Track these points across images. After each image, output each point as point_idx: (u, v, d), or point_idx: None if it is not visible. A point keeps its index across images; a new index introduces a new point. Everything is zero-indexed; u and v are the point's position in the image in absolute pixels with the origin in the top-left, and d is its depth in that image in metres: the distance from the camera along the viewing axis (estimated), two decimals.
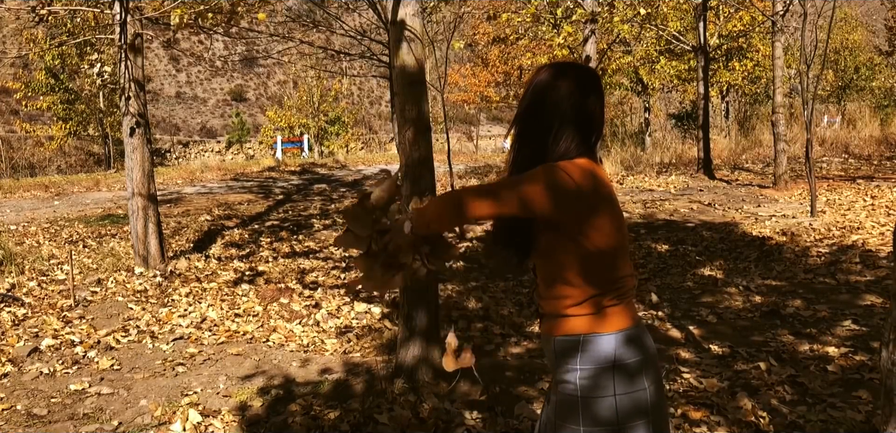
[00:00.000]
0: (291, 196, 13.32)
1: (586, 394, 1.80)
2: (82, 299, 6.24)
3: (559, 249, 1.82)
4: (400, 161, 4.28)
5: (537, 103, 1.88)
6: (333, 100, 31.32)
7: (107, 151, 24.44)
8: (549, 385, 2.01)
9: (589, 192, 1.79)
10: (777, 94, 12.18)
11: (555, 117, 1.85)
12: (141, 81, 7.31)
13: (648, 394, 1.81)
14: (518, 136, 1.92)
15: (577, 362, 1.81)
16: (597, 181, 1.81)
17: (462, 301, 6.01)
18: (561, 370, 1.85)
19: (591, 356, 1.80)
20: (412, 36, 4.08)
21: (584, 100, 1.87)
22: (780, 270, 6.71)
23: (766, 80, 23.30)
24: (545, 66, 1.97)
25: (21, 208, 11.61)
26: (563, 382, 1.84)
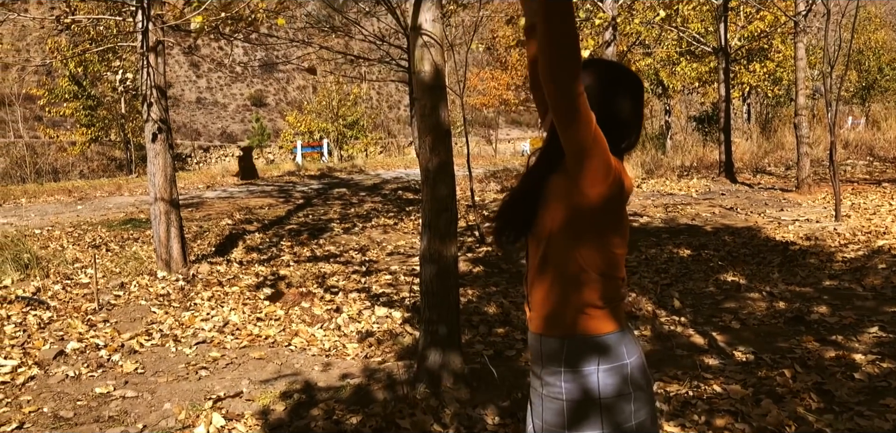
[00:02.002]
0: (311, 200, 13.38)
1: (607, 394, 1.78)
2: (106, 303, 6.30)
3: (584, 239, 1.78)
4: (419, 166, 4.28)
5: None
6: (353, 104, 31.46)
7: (128, 156, 24.75)
8: (536, 386, 1.91)
9: (628, 188, 1.80)
10: (800, 96, 12.05)
11: None
12: (163, 88, 7.39)
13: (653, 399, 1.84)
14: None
15: (596, 363, 1.79)
16: (626, 182, 1.81)
17: (482, 306, 6.00)
18: (572, 370, 1.80)
19: (612, 355, 1.79)
20: (432, 41, 4.08)
21: (609, 98, 1.84)
22: (805, 276, 6.63)
23: (787, 81, 23.07)
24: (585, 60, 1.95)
25: (45, 212, 11.76)
26: (576, 385, 1.80)
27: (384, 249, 8.80)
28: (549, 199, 1.82)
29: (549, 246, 1.82)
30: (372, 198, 13.75)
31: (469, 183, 9.93)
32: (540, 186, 1.86)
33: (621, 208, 1.80)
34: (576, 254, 1.78)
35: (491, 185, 15.17)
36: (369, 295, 6.51)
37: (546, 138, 1.93)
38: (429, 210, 4.19)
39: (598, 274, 1.78)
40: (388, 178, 17.96)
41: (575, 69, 1.59)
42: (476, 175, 15.30)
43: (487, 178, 17.08)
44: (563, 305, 1.81)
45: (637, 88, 1.89)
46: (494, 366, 4.42)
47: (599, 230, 1.78)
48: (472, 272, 7.40)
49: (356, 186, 15.94)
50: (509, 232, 1.94)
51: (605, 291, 1.79)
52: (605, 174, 1.71)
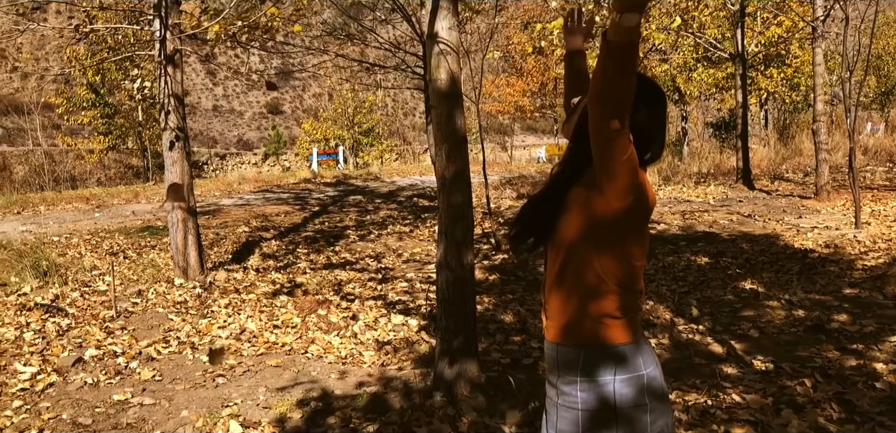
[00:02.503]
0: (327, 207, 13.42)
1: (624, 404, 1.77)
2: (123, 310, 6.34)
3: (604, 250, 1.78)
4: (435, 174, 4.28)
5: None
6: (368, 111, 31.57)
7: (145, 164, 24.95)
8: (551, 395, 1.91)
9: (651, 202, 1.82)
10: (818, 102, 11.94)
11: None
12: (180, 96, 7.44)
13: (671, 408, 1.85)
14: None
15: (612, 373, 1.78)
16: (650, 196, 1.81)
17: (498, 314, 5.98)
18: (589, 380, 1.79)
19: (629, 366, 1.78)
20: (448, 49, 4.08)
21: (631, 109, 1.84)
22: (824, 284, 6.56)
23: (805, 87, 22.87)
24: None
25: (63, 220, 11.87)
26: (592, 395, 1.79)
27: (400, 256, 8.80)
28: (571, 207, 1.82)
29: (568, 255, 1.82)
30: (387, 205, 13.77)
31: (485, 190, 9.92)
32: (561, 194, 1.86)
33: (643, 222, 1.80)
34: (595, 264, 1.78)
35: (507, 192, 15.15)
36: (385, 302, 6.51)
37: (570, 147, 1.94)
38: (445, 218, 4.19)
39: (617, 284, 1.78)
40: (404, 184, 17.99)
41: (623, 111, 1.63)
42: (492, 182, 15.29)
43: (503, 184, 17.06)
44: (581, 315, 1.81)
45: (658, 98, 1.88)
46: (511, 375, 4.41)
47: (620, 241, 1.77)
48: (488, 280, 7.38)
49: (372, 193, 15.97)
50: (528, 238, 1.94)
51: (622, 302, 1.79)
52: (631, 190, 1.72)
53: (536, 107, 30.56)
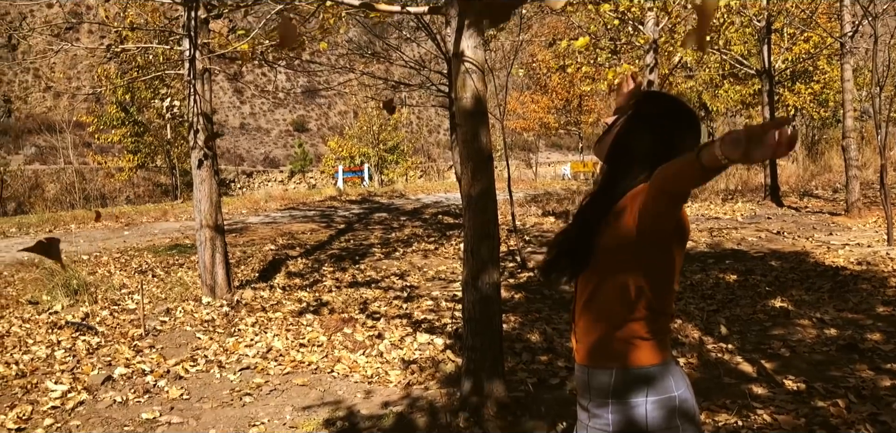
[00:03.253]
0: (353, 225, 13.48)
1: (656, 427, 1.76)
2: (152, 328, 6.41)
3: (637, 275, 1.77)
4: (461, 192, 4.28)
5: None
6: (393, 129, 31.74)
7: (173, 182, 25.29)
8: (582, 418, 1.91)
9: (687, 232, 1.84)
10: (847, 118, 11.76)
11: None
12: (209, 115, 7.53)
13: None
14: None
15: (644, 395, 1.77)
16: (686, 226, 1.83)
17: (524, 333, 5.95)
18: (620, 402, 1.78)
19: (660, 388, 1.77)
20: (473, 67, 4.09)
21: (668, 133, 1.85)
22: (857, 302, 6.43)
23: (834, 103, 22.57)
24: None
25: (94, 238, 12.06)
26: (624, 417, 1.78)
27: (425, 274, 8.80)
28: (606, 235, 1.82)
29: (600, 279, 1.82)
30: (412, 222, 13.79)
31: (510, 207, 9.90)
32: (597, 224, 1.85)
33: (679, 251, 1.80)
34: (627, 288, 1.78)
35: (532, 209, 15.11)
36: (411, 321, 6.51)
37: (605, 173, 1.93)
38: (471, 236, 4.18)
39: (647, 308, 1.77)
40: (429, 202, 18.02)
41: (685, 198, 1.64)
42: (517, 199, 15.26)
43: (528, 201, 17.02)
44: (611, 337, 1.80)
45: (695, 125, 1.88)
46: (537, 394, 4.37)
47: (653, 268, 1.77)
48: (514, 298, 7.35)
49: (397, 211, 16.02)
50: (563, 269, 1.94)
51: (653, 324, 1.78)
52: (673, 230, 1.75)
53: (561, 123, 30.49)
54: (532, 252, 9.81)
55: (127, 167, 25.24)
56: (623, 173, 1.84)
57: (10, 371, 5.20)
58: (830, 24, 17.12)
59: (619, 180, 1.83)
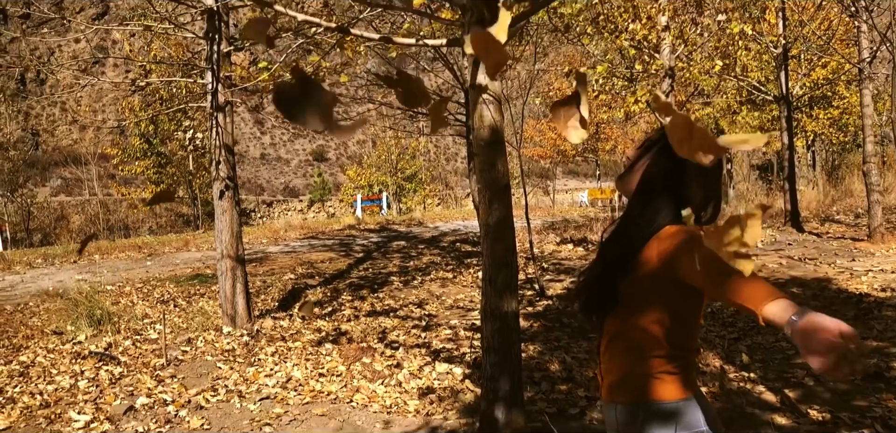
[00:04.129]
0: (371, 254, 13.54)
1: None
2: (174, 358, 6.47)
3: (665, 313, 1.78)
4: (479, 220, 4.30)
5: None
6: (411, 157, 31.92)
7: (195, 212, 25.59)
8: None
9: None
10: (868, 143, 11.67)
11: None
12: (230, 146, 7.65)
13: None
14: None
15: (671, 430, 1.77)
16: None
17: (544, 362, 5.93)
18: None
19: (686, 423, 1.77)
20: (490, 98, 4.13)
21: (679, 170, 1.85)
22: (882, 329, 6.34)
23: (854, 127, 22.41)
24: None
25: (117, 268, 12.21)
26: None
27: (443, 303, 8.81)
28: (634, 275, 1.82)
29: (625, 316, 1.83)
30: (430, 250, 13.83)
31: (528, 235, 9.90)
32: (626, 267, 1.85)
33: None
34: (653, 325, 1.79)
35: (550, 237, 15.08)
36: (430, 350, 6.51)
37: (632, 213, 1.92)
38: (489, 265, 4.20)
39: (672, 344, 1.78)
40: (447, 229, 18.05)
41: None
42: (535, 226, 15.25)
43: (546, 229, 17.00)
44: (636, 373, 1.81)
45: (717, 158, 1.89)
46: (556, 425, 4.35)
47: (679, 305, 1.78)
48: (533, 327, 7.33)
49: (415, 239, 16.07)
50: (593, 310, 1.94)
51: (678, 360, 1.79)
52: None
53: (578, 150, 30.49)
54: (550, 280, 9.79)
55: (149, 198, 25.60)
56: (652, 212, 1.84)
57: (35, 401, 5.27)
58: (848, 49, 17.03)
59: (647, 219, 1.84)
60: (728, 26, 9.60)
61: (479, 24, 3.95)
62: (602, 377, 1.93)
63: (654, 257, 1.75)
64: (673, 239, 1.72)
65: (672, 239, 1.72)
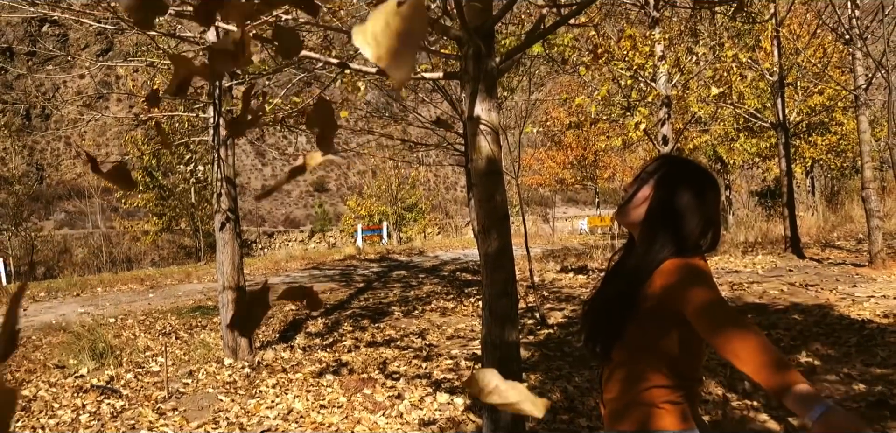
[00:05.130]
0: (372, 284, 13.55)
1: None
2: (175, 391, 6.47)
3: (668, 346, 1.80)
4: (478, 251, 4.34)
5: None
6: (411, 187, 32.02)
7: (197, 244, 25.63)
8: None
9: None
10: (866, 169, 11.71)
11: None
12: (232, 179, 7.70)
13: None
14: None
15: None
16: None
17: (545, 391, 5.93)
18: None
19: None
20: (488, 129, 4.18)
21: (675, 200, 1.89)
22: (885, 356, 6.34)
23: (852, 153, 22.51)
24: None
25: (119, 301, 12.22)
26: None
27: (444, 333, 8.81)
28: (638, 306, 1.84)
29: (628, 347, 1.85)
30: (431, 280, 13.84)
31: (528, 263, 9.92)
32: (632, 302, 1.86)
33: None
34: (656, 356, 1.80)
35: (550, 265, 15.10)
36: (431, 380, 6.51)
37: (642, 247, 1.92)
38: (489, 295, 4.22)
39: (675, 375, 1.79)
40: (447, 259, 18.07)
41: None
42: (535, 254, 15.27)
43: (546, 257, 17.01)
44: (637, 403, 1.83)
45: (716, 185, 1.92)
46: None
47: (682, 337, 1.79)
48: (534, 356, 7.33)
49: (415, 268, 16.08)
50: (597, 341, 1.95)
51: (680, 391, 1.80)
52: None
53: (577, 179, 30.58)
54: (551, 308, 9.79)
55: (152, 230, 25.66)
56: (655, 247, 1.86)
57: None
58: (844, 76, 17.15)
59: (650, 254, 1.86)
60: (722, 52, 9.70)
61: (475, 58, 4.03)
62: (604, 406, 1.94)
63: (657, 291, 1.77)
64: (674, 274, 1.74)
65: (673, 274, 1.75)
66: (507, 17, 9.42)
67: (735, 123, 20.46)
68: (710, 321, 1.62)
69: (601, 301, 1.96)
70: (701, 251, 1.87)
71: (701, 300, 1.66)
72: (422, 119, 12.86)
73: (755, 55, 14.42)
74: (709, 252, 1.92)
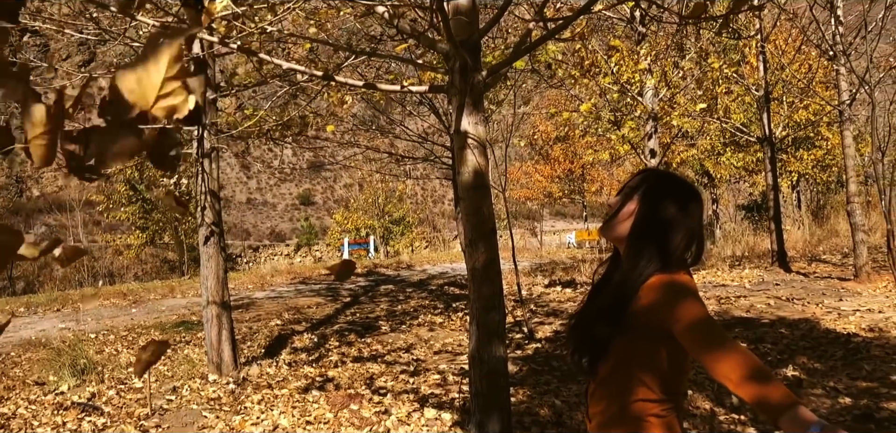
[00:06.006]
0: (358, 298, 13.46)
1: None
2: (159, 407, 6.37)
3: (655, 360, 1.78)
4: (466, 265, 4.30)
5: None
6: (398, 200, 31.96)
7: (181, 258, 25.41)
8: None
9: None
10: (851, 183, 11.80)
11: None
12: (216, 192, 7.62)
13: None
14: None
15: None
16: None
17: (534, 406, 5.88)
18: None
19: None
20: (474, 143, 4.15)
21: (658, 213, 1.89)
22: (871, 370, 6.35)
23: (837, 168, 22.72)
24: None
25: (101, 316, 12.06)
26: None
27: (432, 348, 8.75)
28: (624, 322, 1.82)
29: (614, 361, 1.83)
30: (418, 294, 13.77)
31: (516, 277, 9.89)
32: (619, 318, 1.84)
33: None
34: (641, 370, 1.80)
35: (538, 278, 15.08)
36: (418, 396, 6.44)
37: (623, 263, 1.92)
38: (477, 309, 4.18)
39: (660, 389, 1.79)
40: (434, 273, 18.01)
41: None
42: (523, 268, 15.25)
43: (534, 270, 17.00)
44: (622, 417, 1.81)
45: (699, 197, 1.92)
46: None
47: (668, 352, 1.78)
48: (522, 370, 7.28)
49: (403, 282, 16.01)
50: (583, 355, 1.94)
51: (666, 405, 1.79)
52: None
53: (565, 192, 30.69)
54: (539, 323, 9.76)
55: (135, 244, 25.42)
56: (641, 263, 1.85)
57: None
58: (828, 91, 17.32)
59: (637, 267, 1.84)
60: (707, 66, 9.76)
61: (462, 72, 4.00)
62: (589, 420, 1.92)
63: (644, 307, 1.76)
64: (660, 291, 1.74)
65: (659, 291, 1.74)
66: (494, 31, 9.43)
67: (722, 138, 20.60)
68: (697, 338, 1.63)
69: (588, 315, 1.95)
70: (686, 265, 1.86)
71: (688, 317, 1.65)
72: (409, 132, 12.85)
73: (741, 70, 14.52)
74: (693, 265, 1.91)
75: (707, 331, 1.62)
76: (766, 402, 1.49)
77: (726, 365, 1.56)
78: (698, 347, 1.61)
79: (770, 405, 1.47)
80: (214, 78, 7.67)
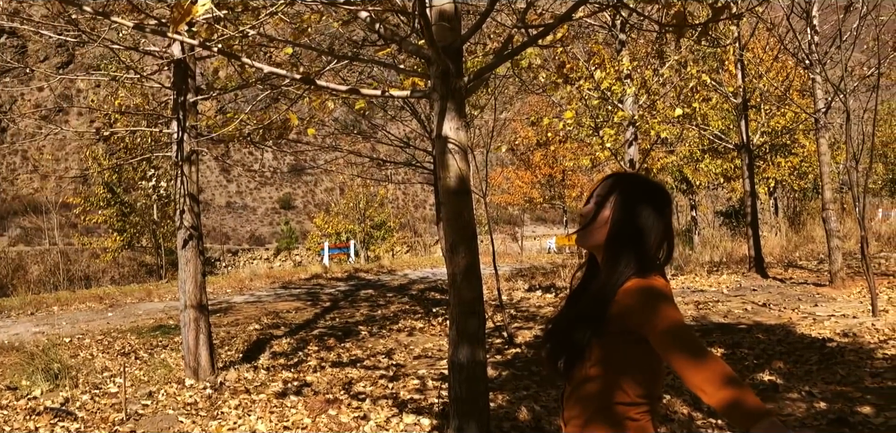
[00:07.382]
0: (338, 303, 13.41)
1: None
2: (134, 412, 6.29)
3: (631, 363, 1.79)
4: (446, 270, 4.30)
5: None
6: (379, 205, 31.88)
7: (159, 261, 25.15)
8: None
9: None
10: (826, 190, 11.96)
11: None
12: (195, 195, 7.56)
13: None
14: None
15: None
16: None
17: (513, 411, 5.89)
18: None
19: None
20: (456, 148, 4.16)
21: (633, 215, 1.92)
22: (845, 374, 6.43)
23: (813, 175, 23.03)
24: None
25: (76, 320, 11.90)
26: None
27: (411, 353, 8.73)
28: (601, 327, 1.83)
29: (591, 366, 1.84)
30: (399, 299, 13.74)
31: (496, 282, 9.90)
32: (597, 323, 1.84)
33: None
34: (617, 375, 1.81)
35: (519, 284, 15.11)
36: (397, 401, 6.43)
37: (601, 269, 1.93)
38: (456, 313, 4.18)
39: (636, 394, 1.80)
40: (415, 278, 17.98)
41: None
42: (503, 273, 15.26)
43: (514, 276, 17.02)
44: (599, 422, 1.82)
45: (668, 202, 1.93)
46: None
47: (644, 356, 1.79)
48: (502, 375, 7.29)
49: (383, 287, 15.97)
50: (559, 359, 1.94)
51: (641, 408, 1.81)
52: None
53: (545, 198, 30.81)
54: (519, 327, 9.77)
55: (112, 247, 25.12)
56: (621, 265, 1.85)
57: None
58: (804, 100, 17.55)
59: (616, 273, 1.85)
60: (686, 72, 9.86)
61: (443, 77, 4.00)
62: (564, 424, 1.93)
63: (620, 312, 1.77)
64: (636, 295, 1.75)
65: (635, 295, 1.76)
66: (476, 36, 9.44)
67: (700, 145, 20.80)
68: (671, 345, 1.65)
69: (565, 321, 1.95)
70: (659, 266, 1.88)
71: (663, 324, 1.68)
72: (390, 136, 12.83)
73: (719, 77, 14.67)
74: (666, 264, 1.93)
75: (682, 339, 1.64)
76: (738, 412, 1.52)
77: (699, 375, 1.58)
78: (672, 355, 1.64)
79: (742, 414, 1.51)
80: (195, 81, 7.61)
